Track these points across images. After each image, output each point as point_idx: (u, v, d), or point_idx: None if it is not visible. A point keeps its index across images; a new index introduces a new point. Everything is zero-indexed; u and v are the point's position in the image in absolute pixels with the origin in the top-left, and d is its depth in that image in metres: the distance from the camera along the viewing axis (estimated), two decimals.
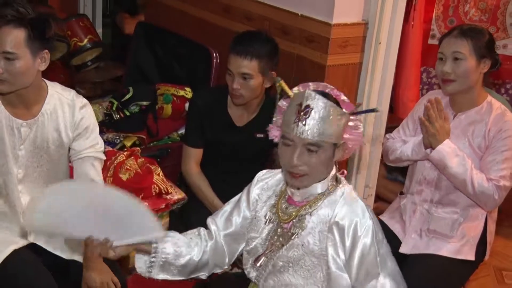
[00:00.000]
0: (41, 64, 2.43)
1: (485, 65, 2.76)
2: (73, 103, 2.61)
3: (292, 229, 2.07)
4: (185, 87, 3.81)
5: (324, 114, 1.92)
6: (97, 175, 2.66)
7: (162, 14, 4.17)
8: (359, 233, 1.98)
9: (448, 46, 2.75)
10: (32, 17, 2.35)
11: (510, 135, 2.74)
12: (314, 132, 1.91)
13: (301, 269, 2.07)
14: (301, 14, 3.28)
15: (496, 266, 3.39)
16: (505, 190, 2.73)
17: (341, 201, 2.03)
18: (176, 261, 2.15)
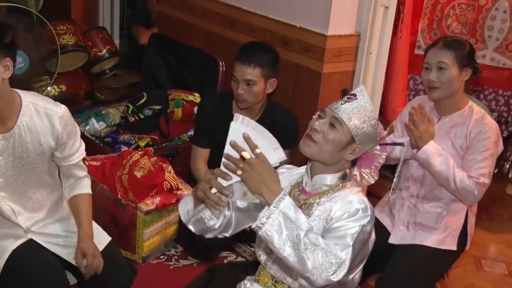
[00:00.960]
0: (5, 72, 2.19)
1: (466, 73, 2.76)
2: (51, 112, 2.38)
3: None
4: (194, 92, 3.81)
5: (363, 110, 1.95)
6: (83, 172, 2.60)
7: (173, 26, 4.16)
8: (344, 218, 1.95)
9: (433, 57, 2.75)
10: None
11: (489, 136, 2.74)
12: (344, 112, 1.95)
13: None
14: (300, 26, 3.27)
15: (476, 255, 3.39)
16: (484, 186, 2.73)
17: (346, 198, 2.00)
18: (207, 222, 2.11)
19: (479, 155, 2.75)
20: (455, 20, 4.06)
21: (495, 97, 4.21)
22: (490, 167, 2.76)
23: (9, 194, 2.45)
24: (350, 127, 1.95)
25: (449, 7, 4.04)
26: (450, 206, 2.90)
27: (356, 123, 1.95)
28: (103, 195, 3.05)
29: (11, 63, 2.21)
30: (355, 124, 1.95)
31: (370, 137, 1.97)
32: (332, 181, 2.05)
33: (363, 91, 2.00)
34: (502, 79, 4.18)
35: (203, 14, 3.90)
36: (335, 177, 2.05)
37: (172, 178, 3.13)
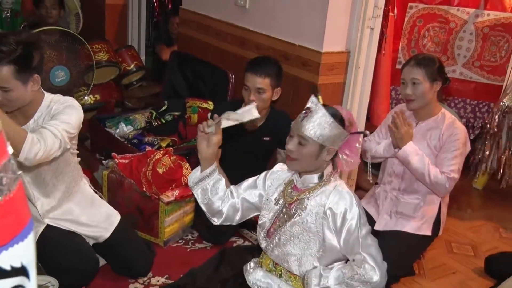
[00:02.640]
0: (34, 85, 2.22)
1: (437, 85, 2.77)
2: (57, 100, 2.34)
3: (294, 210, 2.05)
4: (208, 100, 3.79)
5: (318, 120, 1.91)
6: (40, 137, 2.12)
7: (191, 45, 4.14)
8: (347, 217, 1.95)
9: (408, 74, 2.76)
10: (16, 55, 2.12)
11: (458, 138, 2.76)
12: (305, 128, 1.92)
13: (300, 242, 2.04)
14: (298, 44, 3.25)
15: (447, 239, 3.37)
16: (454, 181, 2.75)
17: (334, 192, 2.00)
18: (212, 195, 2.13)
19: (450, 154, 2.76)
20: (429, 40, 4.05)
21: (464, 106, 4.21)
22: (459, 164, 2.77)
23: (32, 180, 2.43)
24: (315, 138, 1.92)
25: (425, 29, 4.03)
26: (426, 197, 2.90)
27: (318, 132, 1.91)
28: (130, 188, 3.04)
29: (38, 78, 2.24)
30: (317, 133, 1.91)
31: (335, 136, 1.94)
32: (318, 179, 2.04)
33: (314, 102, 1.96)
34: (469, 90, 4.19)
35: (216, 34, 3.88)
36: (321, 176, 2.04)
37: (189, 174, 3.08)
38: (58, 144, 2.17)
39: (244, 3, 3.58)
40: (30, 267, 0.97)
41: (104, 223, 2.63)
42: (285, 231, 2.06)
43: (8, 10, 4.97)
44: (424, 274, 3.01)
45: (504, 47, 3.98)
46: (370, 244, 1.97)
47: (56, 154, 2.19)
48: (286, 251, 2.07)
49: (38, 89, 2.30)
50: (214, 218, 2.18)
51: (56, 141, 2.16)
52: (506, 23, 3.90)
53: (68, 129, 2.23)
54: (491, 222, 3.70)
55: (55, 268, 2.39)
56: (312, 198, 2.02)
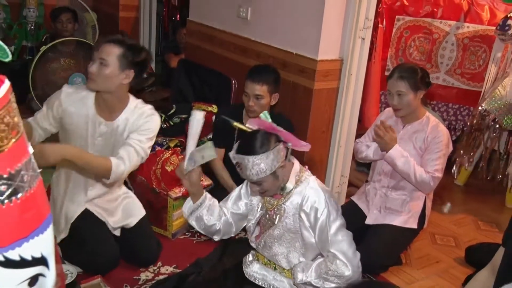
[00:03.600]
0: (125, 78, 2.30)
1: (420, 93, 2.78)
2: (142, 112, 2.40)
3: (274, 215, 2.05)
4: (213, 104, 3.76)
5: (250, 165, 1.86)
6: (125, 154, 2.29)
7: (197, 53, 4.13)
8: (318, 216, 1.95)
9: (393, 86, 2.76)
10: (130, 43, 2.30)
11: (442, 140, 2.76)
12: (252, 176, 1.89)
13: (284, 242, 2.05)
14: (296, 53, 3.23)
15: (431, 231, 3.37)
16: (437, 179, 2.76)
17: (306, 192, 1.99)
18: (207, 221, 2.10)
19: (434, 155, 2.76)
20: (415, 49, 4.04)
21: (446, 109, 4.20)
22: (442, 164, 2.78)
23: None
24: (264, 174, 1.87)
25: (411, 40, 4.02)
26: (412, 194, 2.90)
27: (260, 172, 1.86)
28: (142, 184, 3.02)
29: (132, 74, 2.32)
30: (260, 173, 1.86)
31: (273, 158, 1.87)
32: (292, 184, 2.01)
33: (235, 157, 1.91)
34: (451, 95, 4.18)
35: (220, 44, 3.87)
36: (292, 180, 2.01)
37: None
38: (140, 160, 2.36)
39: (246, 15, 3.56)
40: (50, 257, 0.95)
41: (133, 218, 2.66)
42: (269, 235, 2.07)
43: (33, 23, 5.03)
44: (411, 263, 3.01)
45: (482, 57, 3.98)
46: (340, 240, 1.95)
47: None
48: (273, 251, 2.08)
49: (126, 87, 2.36)
50: (214, 236, 2.19)
51: (139, 158, 2.34)
52: (483, 35, 3.91)
53: (150, 143, 2.39)
54: (471, 215, 3.70)
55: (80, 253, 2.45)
56: (288, 202, 2.01)
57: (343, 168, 3.42)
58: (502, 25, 3.25)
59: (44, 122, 2.39)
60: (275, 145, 1.88)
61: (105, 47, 2.25)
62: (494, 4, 3.93)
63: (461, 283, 2.77)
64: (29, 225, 0.89)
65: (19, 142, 0.87)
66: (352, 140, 3.32)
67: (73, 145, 2.30)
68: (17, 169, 0.85)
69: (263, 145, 1.86)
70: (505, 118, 3.48)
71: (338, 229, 1.96)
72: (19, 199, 0.85)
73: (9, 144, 0.84)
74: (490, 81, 3.56)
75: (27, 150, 0.90)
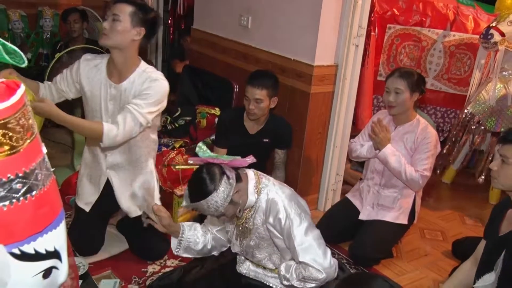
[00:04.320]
0: (136, 35, 2.25)
1: (415, 96, 2.78)
2: (149, 76, 2.29)
3: (245, 229, 2.01)
4: (215, 107, 3.76)
5: (206, 207, 1.79)
6: (121, 119, 2.18)
7: (201, 59, 4.12)
8: (282, 226, 1.89)
9: (391, 83, 2.75)
10: (140, 2, 2.27)
11: (430, 141, 2.76)
12: (210, 215, 1.87)
13: (262, 249, 2.03)
14: (293, 58, 3.22)
15: (420, 227, 3.35)
16: (426, 178, 2.76)
17: (267, 205, 1.92)
18: (195, 247, 2.10)
19: (423, 155, 2.76)
20: (405, 56, 4.04)
21: (434, 112, 4.20)
22: (431, 164, 2.77)
23: None
24: (222, 207, 1.79)
25: (401, 47, 4.02)
26: (403, 191, 2.89)
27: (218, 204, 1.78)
28: None
29: (143, 32, 2.27)
30: (218, 205, 1.79)
31: (224, 190, 1.79)
32: (252, 199, 1.93)
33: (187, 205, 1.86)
34: (439, 99, 4.18)
35: (222, 50, 3.86)
36: (252, 196, 1.93)
37: None
38: (138, 127, 2.21)
39: (246, 23, 3.55)
40: (62, 251, 0.95)
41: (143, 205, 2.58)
42: (247, 245, 2.04)
43: (48, 32, 5.06)
44: (401, 256, 3.00)
45: (467, 63, 3.98)
46: (308, 247, 1.87)
47: (136, 134, 2.24)
48: (256, 258, 2.07)
49: (137, 46, 2.31)
50: (213, 253, 2.19)
51: (136, 124, 2.19)
52: (468, 43, 3.91)
53: (151, 108, 2.24)
54: (457, 211, 3.69)
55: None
56: (254, 216, 1.96)
57: (338, 167, 3.41)
58: (485, 34, 3.25)
59: (62, 84, 2.38)
60: (221, 177, 1.79)
61: (117, 5, 2.23)
62: (477, 14, 3.94)
63: (448, 275, 2.76)
64: (43, 220, 0.89)
65: (34, 142, 0.86)
66: (347, 141, 3.31)
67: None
68: (31, 168, 0.85)
69: (211, 184, 1.77)
70: (488, 120, 3.48)
71: (304, 235, 1.88)
72: (34, 197, 0.85)
73: (24, 144, 0.83)
74: (475, 86, 3.56)
75: (41, 150, 0.89)
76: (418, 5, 3.92)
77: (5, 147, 0.80)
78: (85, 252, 2.53)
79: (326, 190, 3.41)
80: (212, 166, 1.81)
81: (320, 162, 3.36)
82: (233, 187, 1.81)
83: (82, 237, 2.51)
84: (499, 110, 3.43)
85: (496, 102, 3.41)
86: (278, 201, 1.90)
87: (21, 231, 0.85)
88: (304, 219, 1.91)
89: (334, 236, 2.99)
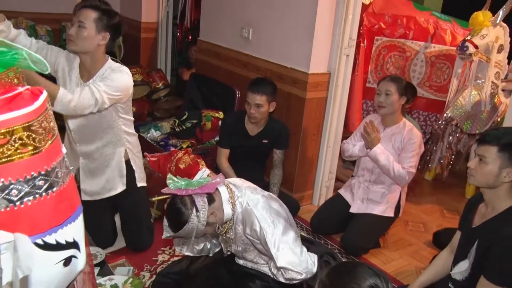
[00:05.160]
0: (101, 40, 2.16)
1: (403, 99, 2.79)
2: (113, 68, 2.20)
3: (228, 239, 1.99)
4: (219, 111, 3.75)
5: (186, 234, 1.78)
6: (78, 89, 2.03)
7: (206, 68, 4.11)
8: (259, 235, 1.82)
9: (383, 86, 2.77)
10: (104, 8, 2.16)
11: (415, 141, 2.77)
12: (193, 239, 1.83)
13: (249, 252, 2.00)
14: (290, 67, 3.21)
15: (404, 219, 3.35)
16: (412, 174, 2.76)
17: (243, 217, 1.87)
18: (197, 246, 2.09)
19: (409, 153, 2.77)
20: (391, 65, 4.02)
21: (418, 116, 4.18)
22: (416, 162, 2.78)
23: (77, 134, 2.35)
24: (201, 231, 1.77)
25: (388, 57, 4.00)
26: (390, 187, 2.89)
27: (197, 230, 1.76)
28: (158, 180, 2.98)
29: (108, 37, 2.18)
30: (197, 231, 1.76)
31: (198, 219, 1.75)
32: (229, 212, 1.88)
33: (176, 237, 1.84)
34: (421, 104, 4.16)
35: (226, 59, 3.85)
36: (227, 208, 1.87)
37: (204, 169, 3.03)
38: (94, 101, 2.03)
39: (247, 35, 3.55)
40: (80, 241, 0.95)
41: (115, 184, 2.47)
42: (235, 250, 2.02)
43: None
44: (388, 246, 3.00)
45: (446, 72, 3.97)
46: (284, 253, 1.79)
47: (92, 109, 2.05)
48: (247, 259, 2.04)
49: (104, 48, 2.22)
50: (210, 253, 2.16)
51: (91, 98, 2.02)
52: (447, 54, 3.91)
53: (109, 90, 2.08)
54: (438, 205, 3.69)
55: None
56: (234, 226, 1.92)
57: (331, 166, 3.40)
58: (461, 46, 3.27)
59: (43, 53, 2.23)
60: (192, 207, 1.74)
61: (82, 12, 2.13)
62: (454, 28, 3.95)
63: (428, 262, 2.76)
64: (63, 214, 0.89)
65: (54, 143, 0.87)
66: (339, 141, 3.31)
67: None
68: (52, 166, 0.85)
69: (186, 213, 1.73)
70: (465, 124, 3.49)
71: (278, 242, 1.80)
72: (54, 192, 0.86)
73: (46, 145, 0.84)
74: (453, 93, 3.57)
75: (61, 151, 0.90)
76: (402, 19, 3.92)
77: (29, 148, 0.80)
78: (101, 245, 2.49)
79: (320, 187, 3.40)
80: (182, 197, 1.77)
81: (315, 161, 3.35)
82: (206, 211, 1.76)
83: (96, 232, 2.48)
84: (474, 114, 3.44)
85: (472, 107, 3.42)
86: (251, 213, 1.83)
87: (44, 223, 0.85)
88: (278, 225, 1.83)
89: (327, 228, 2.99)
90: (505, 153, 1.71)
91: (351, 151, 2.91)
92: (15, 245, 0.83)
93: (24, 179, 0.80)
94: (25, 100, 0.80)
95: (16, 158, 0.79)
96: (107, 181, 2.44)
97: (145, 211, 2.64)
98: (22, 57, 0.88)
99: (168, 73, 5.37)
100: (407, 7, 4.03)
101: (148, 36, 5.24)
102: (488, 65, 3.32)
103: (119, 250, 2.59)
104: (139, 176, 2.51)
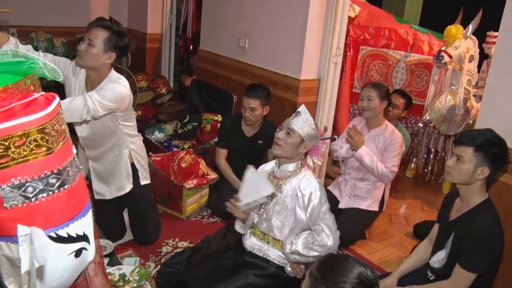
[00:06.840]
0: (108, 58, 2.12)
1: (384, 104, 2.80)
2: (109, 78, 2.14)
3: (278, 187, 2.00)
4: (218, 114, 3.74)
5: (304, 120, 1.91)
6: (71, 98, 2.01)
7: (206, 75, 4.11)
8: (312, 198, 1.91)
9: (365, 92, 2.78)
10: (115, 29, 2.11)
11: (397, 142, 2.78)
12: (294, 124, 1.91)
13: (280, 216, 2.00)
14: (283, 73, 3.22)
15: (388, 213, 3.35)
16: (394, 173, 2.77)
17: (304, 179, 1.94)
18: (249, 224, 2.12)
19: (391, 153, 2.77)
20: (375, 72, 4.03)
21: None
22: (398, 161, 2.79)
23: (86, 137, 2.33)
24: (300, 133, 1.89)
25: (372, 65, 4.02)
26: (375, 184, 2.89)
27: (303, 128, 1.89)
28: (162, 178, 2.98)
29: (114, 56, 2.14)
30: (302, 130, 1.89)
31: (313, 136, 1.91)
32: (292, 168, 1.98)
33: (303, 108, 1.95)
34: None
35: (224, 67, 3.85)
36: (294, 165, 1.98)
37: (204, 168, 3.06)
38: (85, 110, 1.98)
39: (244, 44, 3.55)
40: (90, 235, 0.95)
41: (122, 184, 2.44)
42: (269, 209, 2.03)
43: None
44: (373, 238, 3.00)
45: (425, 79, 3.99)
46: (328, 218, 1.91)
47: (84, 116, 2.00)
48: (271, 223, 2.04)
49: (109, 65, 2.18)
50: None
51: (82, 105, 1.97)
52: (425, 62, 3.93)
53: (101, 100, 2.03)
54: (418, 200, 3.70)
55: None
56: (288, 184, 1.97)
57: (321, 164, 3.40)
58: (437, 55, 3.29)
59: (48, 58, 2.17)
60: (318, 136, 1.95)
61: (94, 30, 2.09)
62: (431, 40, 3.98)
63: (409, 252, 2.77)
64: (74, 209, 0.90)
65: (66, 144, 0.87)
66: (328, 142, 3.29)
67: None
68: (64, 166, 0.86)
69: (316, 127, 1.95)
70: (441, 126, 3.51)
71: (326, 210, 1.92)
72: (66, 189, 0.86)
73: (58, 146, 0.84)
74: (431, 98, 3.59)
75: (72, 151, 0.90)
76: (384, 31, 3.95)
77: (42, 148, 0.81)
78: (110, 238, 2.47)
79: None
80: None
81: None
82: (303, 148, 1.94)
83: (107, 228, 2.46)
84: (450, 117, 3.46)
85: (447, 111, 3.44)
86: (314, 179, 1.94)
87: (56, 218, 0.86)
88: (328, 202, 1.96)
89: None
90: (479, 153, 1.73)
91: (339, 152, 2.92)
92: (31, 238, 0.83)
93: (38, 177, 0.81)
94: (40, 105, 0.81)
95: (31, 158, 0.80)
96: (116, 184, 2.45)
97: (149, 208, 2.61)
98: (38, 66, 0.88)
99: (171, 80, 5.36)
100: (389, 20, 4.06)
101: (153, 46, 5.24)
102: (461, 73, 3.35)
103: (127, 242, 2.59)
104: (142, 174, 2.50)
